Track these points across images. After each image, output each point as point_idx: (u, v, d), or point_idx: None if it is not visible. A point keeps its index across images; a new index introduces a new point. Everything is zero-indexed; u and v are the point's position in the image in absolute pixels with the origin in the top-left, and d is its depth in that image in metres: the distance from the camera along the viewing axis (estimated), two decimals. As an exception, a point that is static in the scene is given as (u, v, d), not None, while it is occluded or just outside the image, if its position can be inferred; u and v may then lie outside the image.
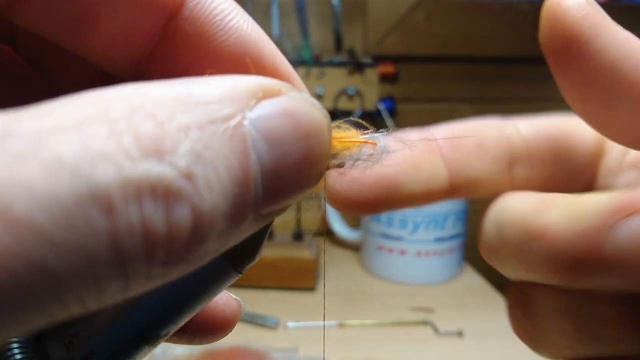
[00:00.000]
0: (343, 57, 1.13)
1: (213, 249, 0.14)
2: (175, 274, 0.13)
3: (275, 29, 1.12)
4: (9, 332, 0.11)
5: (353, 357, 0.71)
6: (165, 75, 0.19)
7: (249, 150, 0.14)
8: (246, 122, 0.14)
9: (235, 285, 0.20)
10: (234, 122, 0.14)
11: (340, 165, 0.19)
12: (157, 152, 0.12)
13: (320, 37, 1.16)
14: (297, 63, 1.10)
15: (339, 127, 0.19)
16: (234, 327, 0.24)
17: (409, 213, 0.93)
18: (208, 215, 0.13)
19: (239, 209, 0.14)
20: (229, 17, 0.18)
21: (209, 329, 0.23)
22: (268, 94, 0.15)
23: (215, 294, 0.19)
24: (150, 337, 0.18)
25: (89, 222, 0.11)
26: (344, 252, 1.09)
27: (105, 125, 0.12)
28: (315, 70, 1.10)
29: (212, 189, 0.13)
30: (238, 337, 0.75)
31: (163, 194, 0.12)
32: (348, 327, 0.79)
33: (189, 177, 0.12)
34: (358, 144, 0.19)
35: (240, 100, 0.14)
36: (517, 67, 1.22)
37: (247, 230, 0.15)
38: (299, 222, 0.99)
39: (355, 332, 0.78)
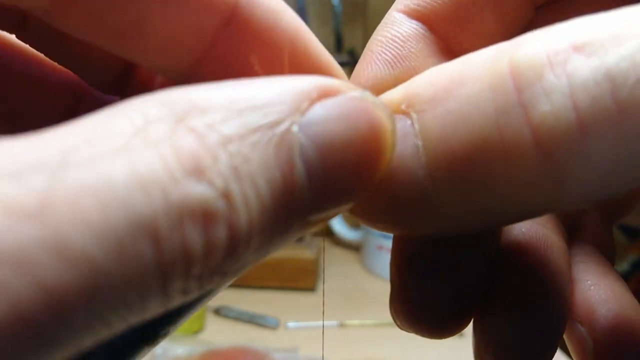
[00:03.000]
0: (343, 57, 1.13)
1: (251, 260, 0.13)
2: (210, 286, 0.13)
3: (275, 29, 1.12)
4: (61, 356, 0.11)
5: (353, 357, 0.71)
6: (217, 74, 0.18)
7: (294, 160, 0.13)
8: (295, 128, 0.13)
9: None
10: (281, 129, 0.13)
11: None
12: (196, 170, 0.11)
13: (320, 37, 1.15)
14: (297, 63, 1.10)
15: None
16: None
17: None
18: (244, 234, 0.12)
19: (281, 220, 0.13)
20: (282, 15, 0.17)
21: None
22: (324, 94, 0.14)
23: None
24: (149, 336, 0.18)
25: (139, 251, 0.11)
26: (344, 252, 1.09)
27: (149, 145, 0.11)
28: (315, 70, 1.10)
29: (250, 206, 0.12)
30: (238, 337, 0.75)
31: (202, 215, 0.11)
32: (348, 327, 0.79)
33: (226, 196, 0.12)
34: None
35: (290, 103, 0.13)
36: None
37: (289, 239, 0.14)
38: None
39: (355, 332, 0.78)
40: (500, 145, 0.14)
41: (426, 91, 0.16)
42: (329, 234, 1.11)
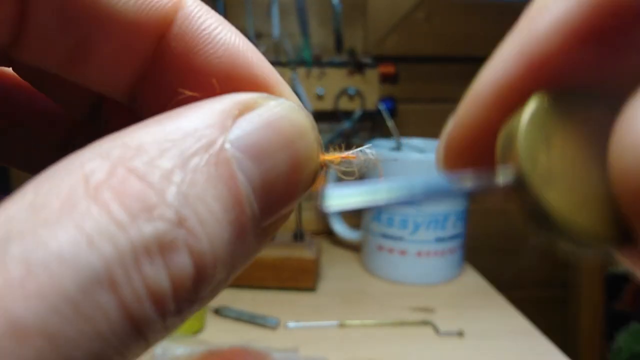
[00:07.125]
0: (343, 57, 1.13)
1: (223, 278, 0.14)
2: (191, 313, 0.13)
3: (275, 29, 1.12)
4: None
5: (353, 357, 0.71)
6: (160, 93, 0.19)
7: (235, 174, 0.14)
8: (227, 145, 0.14)
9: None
10: (214, 149, 0.14)
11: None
12: (145, 210, 0.12)
13: (320, 37, 1.16)
14: (297, 63, 1.10)
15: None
16: None
17: (410, 213, 0.93)
18: (208, 253, 0.13)
19: (238, 233, 0.14)
20: (217, 31, 0.18)
21: None
22: (245, 109, 0.15)
23: None
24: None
25: (99, 307, 0.11)
26: (344, 252, 1.09)
27: (89, 197, 0.11)
28: (315, 70, 1.10)
29: (206, 225, 0.13)
30: (238, 337, 0.75)
31: (158, 250, 0.12)
32: (348, 327, 0.79)
33: (180, 223, 0.12)
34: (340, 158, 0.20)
35: (216, 124, 0.14)
36: (517, 67, 1.22)
37: (253, 248, 0.15)
38: (299, 222, 0.99)
39: (355, 332, 0.78)
40: None
41: None
42: (329, 233, 1.11)
